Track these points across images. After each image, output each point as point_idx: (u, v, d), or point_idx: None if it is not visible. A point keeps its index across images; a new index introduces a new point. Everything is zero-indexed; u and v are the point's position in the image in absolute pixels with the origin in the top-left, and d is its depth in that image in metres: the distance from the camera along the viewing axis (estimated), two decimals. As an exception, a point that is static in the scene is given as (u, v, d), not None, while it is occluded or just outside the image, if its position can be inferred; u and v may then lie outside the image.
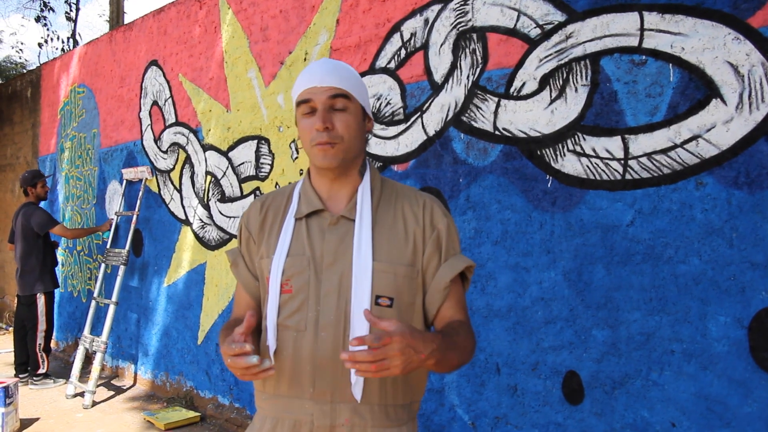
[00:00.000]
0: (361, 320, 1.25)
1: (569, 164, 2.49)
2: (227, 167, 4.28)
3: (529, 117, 2.62)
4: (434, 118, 2.98)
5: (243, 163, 4.14)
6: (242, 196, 4.15)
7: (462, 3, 2.85)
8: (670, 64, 2.22)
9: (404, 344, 1.06)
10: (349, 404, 1.28)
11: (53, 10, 14.63)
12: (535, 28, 2.60)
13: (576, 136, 2.47)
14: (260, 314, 1.41)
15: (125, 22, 6.68)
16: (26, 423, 4.24)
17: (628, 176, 2.33)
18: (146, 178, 5.09)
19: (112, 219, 5.43)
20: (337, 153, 1.31)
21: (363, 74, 3.32)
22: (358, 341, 1.04)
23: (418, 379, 1.39)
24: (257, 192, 4.03)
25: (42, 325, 5.21)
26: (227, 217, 4.28)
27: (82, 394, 4.78)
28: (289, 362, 1.31)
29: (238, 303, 1.47)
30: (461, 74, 2.87)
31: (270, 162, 3.93)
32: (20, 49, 21.36)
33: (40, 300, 5.22)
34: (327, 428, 1.28)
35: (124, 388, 5.15)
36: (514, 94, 2.67)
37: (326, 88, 1.30)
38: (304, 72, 1.35)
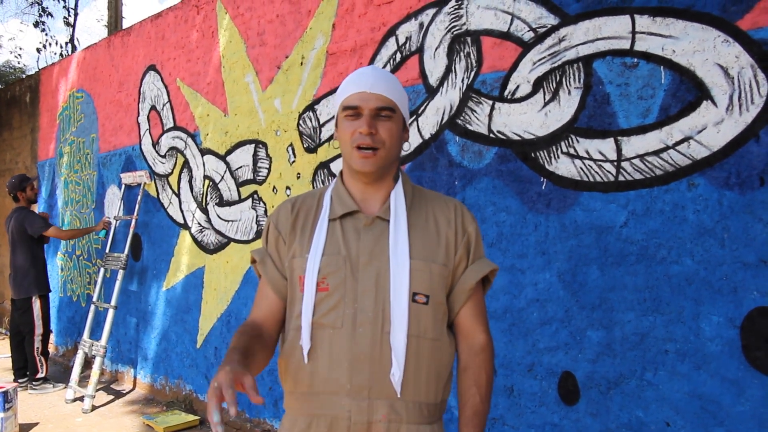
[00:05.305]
0: (400, 316, 1.31)
1: (563, 166, 2.51)
2: (225, 171, 4.30)
3: (523, 119, 2.64)
4: (429, 121, 3.00)
5: (241, 167, 4.16)
6: (240, 200, 4.17)
7: (456, 7, 2.88)
8: (662, 67, 2.25)
9: None
10: (386, 400, 1.31)
11: (52, 15, 14.66)
12: (528, 31, 2.62)
13: (569, 139, 2.49)
14: (283, 315, 1.45)
15: (123, 28, 6.70)
16: (25, 428, 4.25)
17: (621, 178, 2.35)
18: (145, 183, 5.11)
19: (107, 218, 5.44)
20: (377, 160, 1.36)
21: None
22: None
23: (448, 378, 1.43)
24: (255, 196, 4.05)
25: (39, 329, 5.21)
26: (225, 221, 4.29)
27: (81, 399, 4.78)
28: (325, 360, 1.33)
29: (260, 302, 1.46)
30: (456, 78, 2.89)
31: (267, 166, 3.95)
32: (19, 54, 21.45)
33: (36, 304, 5.22)
34: (364, 424, 1.30)
35: (124, 392, 5.16)
36: (508, 97, 2.69)
37: (376, 95, 1.35)
38: (354, 76, 1.40)
